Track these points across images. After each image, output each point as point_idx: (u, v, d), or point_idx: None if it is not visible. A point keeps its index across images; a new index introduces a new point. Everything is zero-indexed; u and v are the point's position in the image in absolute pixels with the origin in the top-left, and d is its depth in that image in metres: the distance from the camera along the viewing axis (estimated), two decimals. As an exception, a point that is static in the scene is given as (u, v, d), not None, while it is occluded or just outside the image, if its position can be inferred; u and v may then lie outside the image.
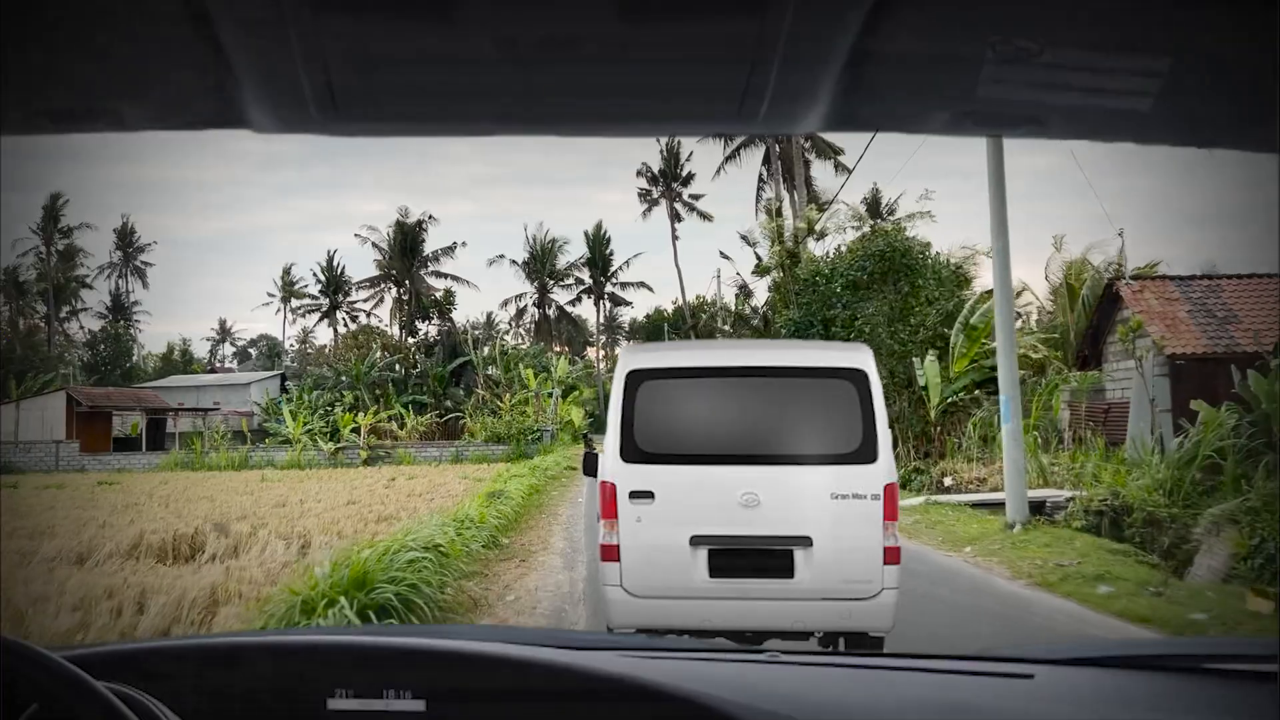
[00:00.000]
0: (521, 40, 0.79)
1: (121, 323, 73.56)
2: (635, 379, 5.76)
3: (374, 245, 56.36)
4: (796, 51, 0.78)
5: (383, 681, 1.57)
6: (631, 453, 5.69)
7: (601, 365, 65.54)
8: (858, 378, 5.65)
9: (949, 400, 21.03)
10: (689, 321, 60.86)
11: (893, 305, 22.37)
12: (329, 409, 42.41)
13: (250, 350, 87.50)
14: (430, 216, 56.33)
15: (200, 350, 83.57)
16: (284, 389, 50.75)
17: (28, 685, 1.22)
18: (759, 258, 34.74)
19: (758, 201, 41.34)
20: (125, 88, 0.87)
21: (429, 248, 57.27)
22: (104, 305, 73.56)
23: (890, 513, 5.55)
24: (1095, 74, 0.84)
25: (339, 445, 37.04)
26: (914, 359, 21.71)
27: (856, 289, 23.92)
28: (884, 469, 5.60)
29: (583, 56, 0.81)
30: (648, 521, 5.64)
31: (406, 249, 56.21)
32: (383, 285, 58.90)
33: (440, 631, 3.28)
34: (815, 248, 31.21)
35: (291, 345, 77.84)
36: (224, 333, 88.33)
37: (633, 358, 5.97)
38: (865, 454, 5.59)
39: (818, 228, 30.97)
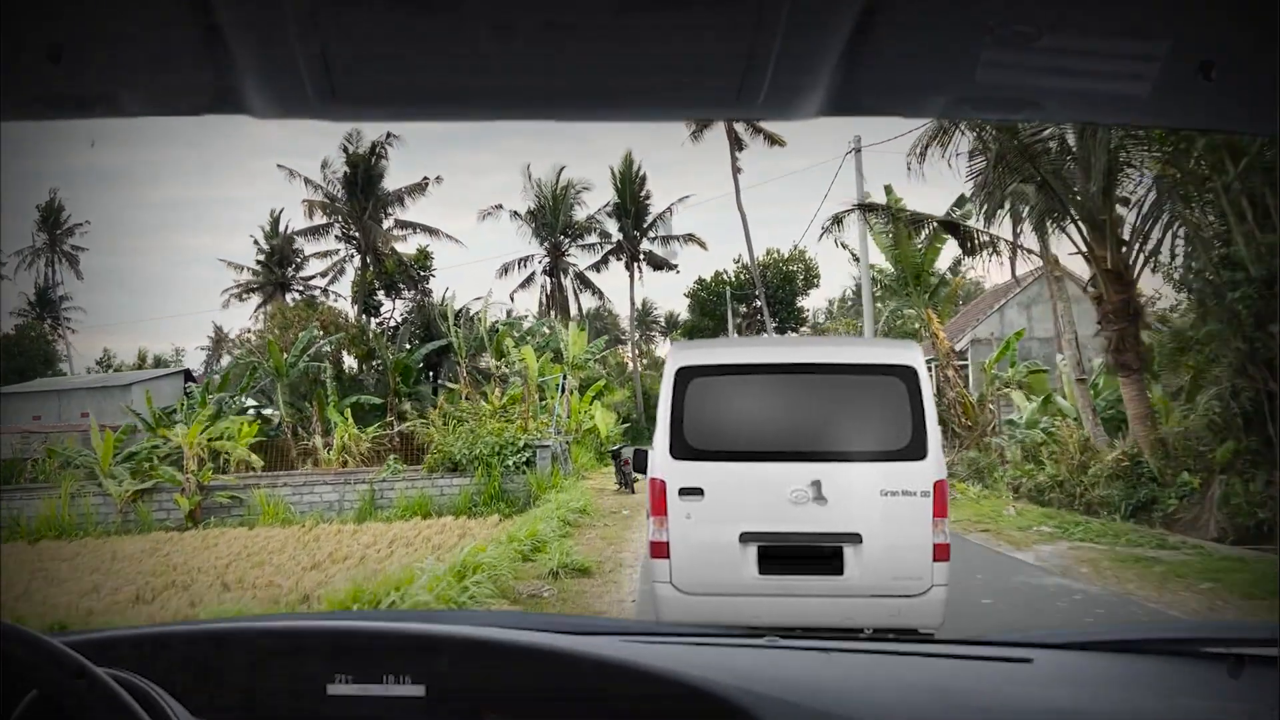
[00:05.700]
0: (520, 25, 0.78)
1: (49, 320, 59.67)
2: (685, 375, 5.85)
3: (305, 181, 38.55)
4: (795, 36, 0.77)
5: (383, 667, 1.55)
6: (681, 449, 5.79)
7: (639, 364, 48.59)
8: (907, 374, 5.71)
9: None
10: (761, 286, 43.06)
11: None
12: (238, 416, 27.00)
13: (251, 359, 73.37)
14: (390, 135, 38.32)
15: (193, 361, 69.73)
16: (187, 391, 35.49)
17: (27, 671, 1.19)
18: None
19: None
20: (122, 73, 0.85)
21: (392, 187, 39.99)
22: (27, 299, 59.34)
23: (940, 509, 5.62)
24: (1092, 58, 0.82)
25: (140, 486, 19.55)
26: None
27: None
28: (933, 466, 5.70)
29: (581, 42, 0.80)
30: (697, 518, 5.75)
31: (357, 187, 38.89)
32: (342, 251, 41.79)
33: (441, 617, 3.33)
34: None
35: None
36: (219, 341, 73.84)
37: (682, 354, 6.13)
38: (915, 451, 5.67)
39: None
